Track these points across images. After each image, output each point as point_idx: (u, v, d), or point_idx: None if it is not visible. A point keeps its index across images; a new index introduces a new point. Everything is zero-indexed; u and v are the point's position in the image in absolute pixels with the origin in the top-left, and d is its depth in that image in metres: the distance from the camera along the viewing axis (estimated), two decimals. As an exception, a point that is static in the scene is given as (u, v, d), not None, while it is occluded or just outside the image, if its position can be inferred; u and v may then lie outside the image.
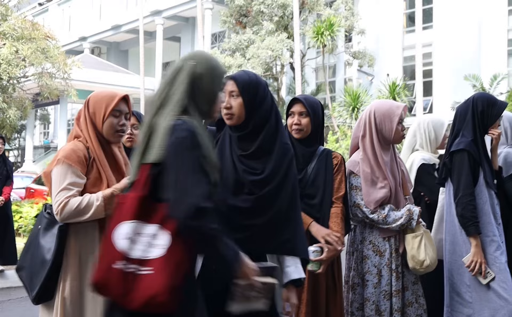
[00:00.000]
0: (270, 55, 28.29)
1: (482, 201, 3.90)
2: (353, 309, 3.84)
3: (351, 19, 29.31)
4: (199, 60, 2.43)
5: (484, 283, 3.83)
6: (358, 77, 33.00)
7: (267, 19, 29.35)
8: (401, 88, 26.62)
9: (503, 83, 27.23)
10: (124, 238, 2.25)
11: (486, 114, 3.99)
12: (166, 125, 2.30)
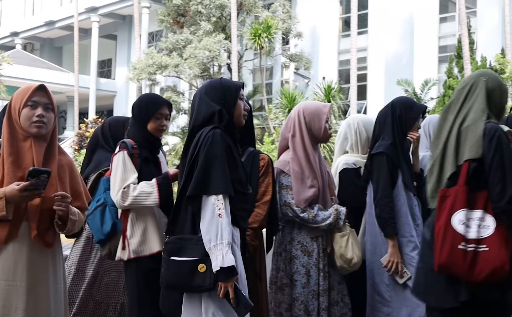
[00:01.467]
0: (207, 55, 28.19)
1: (400, 203, 3.99)
2: (282, 310, 3.85)
3: (289, 22, 29.52)
4: (489, 77, 3.07)
5: (401, 283, 3.92)
6: (294, 80, 33.31)
7: (204, 19, 29.24)
8: (336, 91, 26.97)
9: (434, 89, 28.02)
10: (460, 223, 2.83)
11: (405, 118, 4.08)
12: (479, 127, 2.90)
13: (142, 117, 3.70)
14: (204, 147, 2.89)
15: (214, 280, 2.82)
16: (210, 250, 2.82)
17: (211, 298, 2.87)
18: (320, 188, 3.81)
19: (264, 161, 3.73)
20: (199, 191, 2.87)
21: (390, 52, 31.44)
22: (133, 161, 3.61)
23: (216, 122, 3.00)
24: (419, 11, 30.46)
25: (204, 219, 2.85)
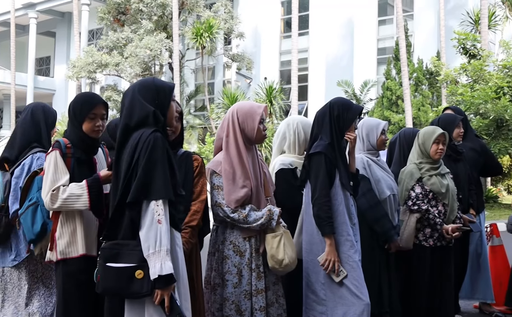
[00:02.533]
0: (148, 54, 27.92)
1: (337, 202, 4.06)
2: (214, 310, 3.85)
3: (231, 22, 29.54)
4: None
5: (337, 281, 3.99)
6: (236, 80, 33.34)
7: (146, 18, 28.94)
8: (278, 91, 27.17)
9: (373, 90, 28.57)
10: None
11: (342, 118, 4.15)
12: None
13: (77, 117, 3.64)
14: (146, 152, 2.85)
15: (151, 287, 2.80)
16: (148, 257, 2.79)
17: (153, 304, 2.85)
18: (253, 188, 3.82)
19: (198, 161, 3.77)
20: (140, 196, 2.82)
21: (330, 54, 31.85)
22: (66, 161, 3.56)
23: (152, 124, 2.96)
24: (359, 13, 30.97)
25: (143, 225, 2.82)
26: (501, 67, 18.66)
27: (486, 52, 19.93)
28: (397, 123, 24.08)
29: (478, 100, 17.09)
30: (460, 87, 18.71)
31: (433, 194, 5.01)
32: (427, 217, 4.95)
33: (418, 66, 25.43)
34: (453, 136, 5.80)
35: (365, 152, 4.79)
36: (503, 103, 16.81)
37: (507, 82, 17.87)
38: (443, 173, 5.09)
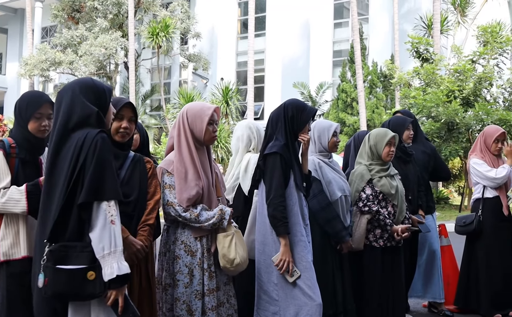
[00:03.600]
0: (103, 53, 27.59)
1: (292, 202, 4.08)
2: (164, 310, 3.84)
3: (187, 22, 29.43)
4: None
5: (290, 281, 4.00)
6: (193, 80, 33.22)
7: (101, 16, 28.60)
8: (234, 92, 27.18)
9: (328, 92, 28.85)
10: None
11: (296, 120, 4.18)
12: None
13: (22, 116, 3.58)
14: (94, 152, 2.80)
15: (104, 287, 2.77)
16: (103, 258, 2.76)
17: (100, 305, 2.82)
18: (205, 188, 3.82)
19: (150, 163, 3.76)
20: (92, 197, 2.79)
21: (287, 55, 32.02)
22: (10, 162, 3.50)
23: (93, 125, 2.91)
24: (315, 16, 31.22)
25: (96, 226, 2.78)
26: (453, 71, 19.09)
27: (438, 56, 20.35)
28: (352, 125, 24.40)
29: (430, 103, 17.43)
30: (413, 90, 19.06)
31: (383, 195, 5.09)
32: (377, 218, 5.02)
33: (372, 69, 25.81)
34: (403, 138, 5.90)
35: (317, 154, 4.83)
36: (454, 106, 17.19)
37: (458, 86, 18.28)
38: (392, 174, 5.18)
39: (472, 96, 18.44)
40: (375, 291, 5.03)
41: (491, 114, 17.25)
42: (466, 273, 6.37)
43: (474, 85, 18.41)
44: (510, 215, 6.31)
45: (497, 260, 6.21)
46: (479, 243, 6.27)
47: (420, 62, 20.63)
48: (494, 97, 19.47)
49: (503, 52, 19.45)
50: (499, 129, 6.42)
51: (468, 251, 6.41)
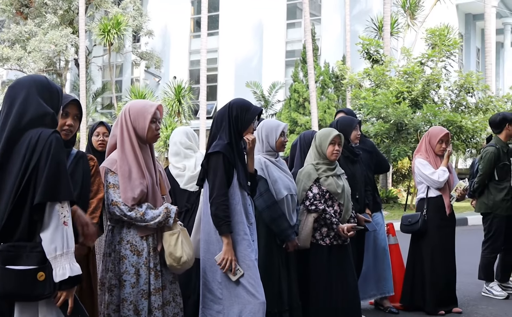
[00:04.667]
0: (53, 49, 27.10)
1: (235, 201, 4.10)
2: (110, 311, 3.79)
3: (139, 19, 29.17)
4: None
5: (233, 280, 4.02)
6: (145, 78, 32.99)
7: (50, 11, 28.07)
8: (187, 91, 27.08)
9: (281, 92, 29.01)
10: None
11: (241, 119, 4.19)
12: None
13: None
14: (49, 152, 2.76)
15: (54, 288, 2.75)
16: (55, 259, 2.74)
17: (48, 306, 2.79)
18: (149, 186, 3.80)
19: (94, 161, 3.73)
20: (48, 198, 2.75)
21: (240, 55, 32.06)
22: None
23: (48, 125, 2.88)
24: (268, 16, 31.34)
25: (48, 227, 2.75)
26: (402, 72, 19.44)
27: (388, 57, 20.70)
28: (304, 125, 24.59)
29: (380, 104, 17.71)
30: (363, 91, 19.33)
31: (330, 194, 5.14)
32: (324, 216, 5.07)
33: (324, 69, 26.06)
34: (351, 138, 5.98)
35: (264, 153, 4.85)
36: (403, 107, 17.51)
37: (407, 88, 18.64)
38: (339, 173, 5.25)
39: (420, 98, 18.82)
40: (321, 289, 5.08)
41: (438, 115, 17.64)
42: (411, 271, 6.50)
43: (422, 86, 18.80)
44: (452, 214, 6.49)
45: (441, 258, 6.36)
46: (424, 242, 6.41)
47: (370, 63, 20.94)
48: (441, 98, 19.91)
49: (451, 55, 19.92)
50: (443, 129, 6.59)
51: (413, 249, 6.54)
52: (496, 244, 7.10)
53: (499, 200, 7.02)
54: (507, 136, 7.22)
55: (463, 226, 15.73)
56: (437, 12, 28.07)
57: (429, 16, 27.14)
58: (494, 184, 7.07)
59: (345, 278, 5.22)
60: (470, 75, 19.75)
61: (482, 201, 7.15)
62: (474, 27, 38.79)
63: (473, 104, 20.09)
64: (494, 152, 7.05)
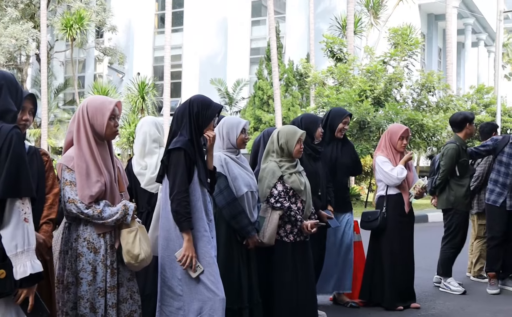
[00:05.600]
0: (14, 44, 26.63)
1: (195, 198, 4.09)
2: (68, 309, 3.75)
3: (103, 14, 28.85)
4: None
5: (194, 277, 4.02)
6: (108, 74, 32.67)
7: (11, 5, 27.57)
8: (150, 87, 26.91)
9: (245, 89, 29.05)
10: None
11: (201, 116, 4.18)
12: None
13: None
14: (9, 148, 2.73)
15: (14, 286, 2.71)
16: (16, 256, 2.71)
17: (7, 304, 2.75)
18: (107, 183, 3.76)
19: (47, 156, 3.67)
20: (8, 194, 2.72)
21: (204, 52, 31.99)
22: None
23: (10, 121, 2.85)
24: (233, 13, 31.33)
25: (9, 224, 2.72)
26: (365, 71, 19.64)
27: (351, 56, 20.90)
28: (268, 122, 24.68)
29: (343, 102, 17.86)
30: (326, 89, 19.47)
31: (293, 191, 5.18)
32: (288, 214, 5.11)
33: (288, 67, 26.19)
34: (315, 136, 6.03)
35: (224, 150, 4.85)
36: (365, 106, 17.70)
37: (370, 86, 18.84)
38: (300, 171, 5.29)
39: (383, 96, 19.05)
40: (286, 286, 5.12)
41: (400, 113, 17.89)
42: (371, 267, 6.59)
43: (385, 85, 19.03)
44: (411, 211, 6.60)
45: (399, 255, 6.46)
46: (383, 238, 6.50)
47: (334, 61, 21.10)
48: (403, 97, 20.20)
49: (413, 54, 20.20)
50: (403, 126, 6.70)
51: (373, 246, 6.63)
52: (456, 239, 7.24)
53: (461, 196, 7.17)
54: (466, 135, 7.38)
55: (424, 223, 16.01)
56: (400, 12, 28.44)
57: (392, 16, 27.48)
58: (455, 181, 7.21)
59: (308, 274, 5.29)
60: (431, 74, 20.09)
61: (444, 197, 7.28)
62: (436, 27, 39.40)
63: (434, 103, 20.45)
64: (455, 148, 7.20)
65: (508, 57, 51.38)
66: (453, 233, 7.25)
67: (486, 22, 41.24)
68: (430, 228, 13.60)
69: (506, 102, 28.29)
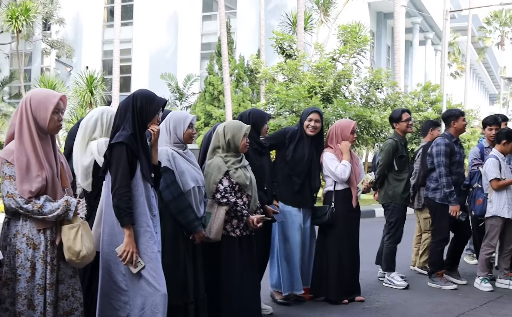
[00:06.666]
0: (-44, 35, 25.83)
1: (138, 193, 4.06)
2: (7, 305, 3.68)
3: (50, 6, 28.25)
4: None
5: (134, 272, 4.00)
6: (56, 67, 32.05)
7: (-47, -6, 26.74)
8: (99, 81, 26.52)
9: (196, 84, 28.92)
10: None
11: (145, 110, 4.15)
12: None
13: None
14: None
15: None
16: None
17: None
18: (49, 178, 3.69)
19: None
20: None
21: (154, 46, 31.72)
22: None
23: None
24: (184, 7, 31.14)
25: None
26: (314, 68, 19.80)
27: (301, 53, 21.04)
28: (219, 118, 24.63)
29: (293, 98, 17.97)
30: (276, 85, 19.55)
31: (239, 186, 5.20)
32: (234, 209, 5.12)
33: (239, 63, 26.19)
34: (262, 131, 6.05)
35: (172, 145, 4.83)
36: (315, 102, 17.84)
37: (319, 83, 19.01)
38: (246, 165, 5.31)
39: (332, 92, 19.24)
40: (231, 280, 5.14)
41: (348, 110, 18.11)
42: (319, 262, 6.65)
43: (334, 82, 19.23)
44: (358, 206, 6.70)
45: (346, 249, 6.55)
46: (330, 233, 6.57)
47: (284, 58, 21.20)
48: (352, 94, 20.45)
49: (361, 52, 20.48)
50: (352, 121, 6.83)
51: (321, 241, 6.69)
52: (397, 234, 7.37)
53: (399, 191, 7.31)
54: (402, 131, 7.50)
55: (371, 217, 16.28)
56: (350, 9, 28.78)
57: (342, 13, 27.79)
58: (394, 175, 7.34)
59: (253, 268, 5.33)
60: (379, 71, 20.40)
61: (383, 192, 7.42)
62: (385, 25, 40.03)
63: (382, 100, 20.78)
64: (392, 144, 7.35)
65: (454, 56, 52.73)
66: (394, 228, 7.38)
67: (433, 21, 42.14)
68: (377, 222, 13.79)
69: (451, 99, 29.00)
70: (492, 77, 73.29)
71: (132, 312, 4.04)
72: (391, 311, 6.26)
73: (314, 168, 6.55)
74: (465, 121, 7.63)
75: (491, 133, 7.80)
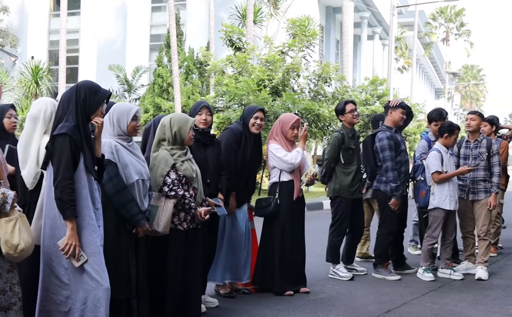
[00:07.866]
0: None
1: (80, 186, 4.01)
2: None
3: (-7, -6, 27.47)
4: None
5: (76, 266, 3.95)
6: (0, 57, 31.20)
7: None
8: (45, 72, 25.98)
9: (145, 76, 28.63)
10: None
11: (89, 102, 4.10)
12: None
13: None
14: None
15: None
16: None
17: None
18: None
19: None
20: None
21: (102, 36, 31.25)
22: None
23: None
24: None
25: None
26: (264, 61, 19.85)
27: (250, 45, 21.05)
28: (168, 110, 24.45)
29: (242, 91, 17.97)
30: (226, 78, 19.52)
31: (186, 179, 5.18)
32: (182, 202, 5.11)
33: (189, 55, 26.05)
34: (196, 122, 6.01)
35: (115, 137, 4.77)
36: (264, 95, 17.89)
37: (268, 76, 19.07)
38: (190, 158, 5.31)
39: (280, 86, 19.34)
40: (179, 274, 5.13)
41: (297, 103, 18.24)
42: (263, 253, 6.69)
43: (283, 75, 19.33)
44: (302, 197, 6.77)
45: (290, 240, 6.61)
46: (275, 224, 6.63)
47: (233, 50, 21.18)
48: (300, 87, 20.60)
49: (310, 45, 20.63)
50: (294, 116, 6.87)
51: (265, 232, 6.74)
52: (342, 227, 7.46)
53: (346, 184, 7.37)
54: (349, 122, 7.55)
55: (319, 210, 16.47)
56: (299, 3, 28.96)
57: (291, 7, 27.94)
58: (341, 168, 7.38)
59: (200, 261, 5.35)
60: (328, 65, 20.62)
61: (331, 185, 7.49)
62: (334, 20, 40.40)
63: (330, 93, 21.01)
64: (338, 137, 7.39)
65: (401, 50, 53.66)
66: (339, 221, 7.44)
67: (381, 16, 42.76)
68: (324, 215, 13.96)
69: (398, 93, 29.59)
70: (437, 72, 74.93)
71: (74, 307, 3.99)
72: (335, 302, 6.36)
73: (255, 165, 6.70)
74: (402, 114, 7.63)
75: (437, 128, 7.92)
